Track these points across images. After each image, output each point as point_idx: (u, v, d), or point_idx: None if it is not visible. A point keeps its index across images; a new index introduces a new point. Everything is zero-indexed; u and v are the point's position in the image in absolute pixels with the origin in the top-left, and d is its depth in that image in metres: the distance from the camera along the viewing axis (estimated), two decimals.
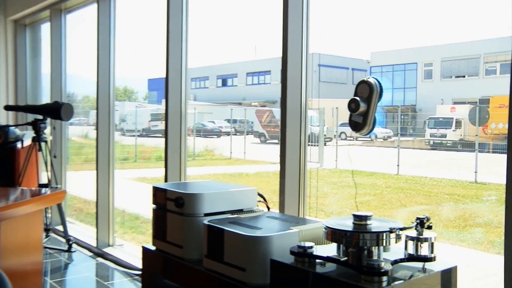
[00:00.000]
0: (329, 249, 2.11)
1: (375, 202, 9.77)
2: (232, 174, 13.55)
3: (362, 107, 2.15)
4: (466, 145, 21.85)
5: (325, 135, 17.28)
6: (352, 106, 2.18)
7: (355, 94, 2.19)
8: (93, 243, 5.30)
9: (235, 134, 29.12)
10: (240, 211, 2.73)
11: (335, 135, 18.79)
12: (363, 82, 2.18)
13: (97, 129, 5.18)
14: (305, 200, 3.19)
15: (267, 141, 26.63)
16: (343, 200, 9.94)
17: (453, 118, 24.54)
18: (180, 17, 4.14)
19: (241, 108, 34.05)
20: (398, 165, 14.48)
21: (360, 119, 2.17)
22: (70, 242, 5.20)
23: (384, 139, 31.12)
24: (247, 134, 21.94)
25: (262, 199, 2.91)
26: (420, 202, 9.68)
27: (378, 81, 2.18)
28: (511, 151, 1.94)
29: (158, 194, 2.79)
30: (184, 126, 4.11)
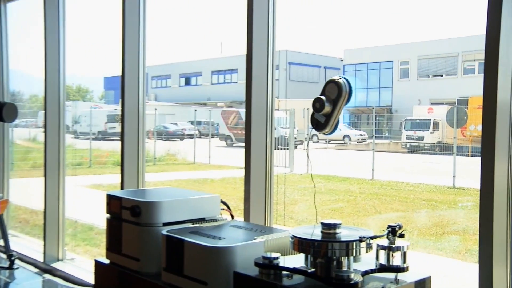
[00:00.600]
0: (297, 260, 2.12)
1: (348, 209, 9.86)
2: (196, 180, 13.49)
3: (327, 108, 2.18)
4: (444, 148, 22.31)
5: (295, 138, 17.38)
6: (317, 105, 2.20)
7: (322, 93, 2.22)
8: (39, 258, 5.16)
9: (200, 137, 28.95)
10: (202, 220, 2.72)
11: (306, 138, 18.92)
12: (332, 82, 2.20)
13: (45, 131, 5.07)
14: (272, 207, 3.21)
15: (234, 144, 26.62)
16: (314, 207, 9.97)
17: (430, 119, 25.06)
18: (138, 10, 4.11)
19: (205, 109, 33.94)
20: (373, 170, 14.66)
21: (322, 119, 2.20)
22: (13, 258, 5.01)
23: (358, 142, 31.47)
24: (212, 137, 21.87)
25: (225, 207, 2.90)
26: (396, 209, 9.82)
27: (348, 82, 2.22)
28: (486, 155, 1.99)
29: (113, 202, 2.76)
30: (142, 128, 4.08)
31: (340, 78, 2.25)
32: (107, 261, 2.80)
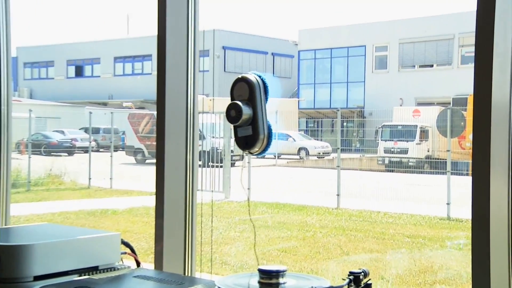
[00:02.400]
0: None
1: (304, 249, 9.95)
2: (91, 212, 13.32)
3: (246, 112, 2.23)
4: (435, 165, 22.90)
5: (232, 152, 17.40)
6: (232, 113, 2.25)
7: (232, 96, 2.29)
8: None
9: (98, 151, 28.63)
10: (94, 269, 2.70)
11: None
12: (239, 81, 2.28)
13: None
14: (195, 249, 3.21)
15: (147, 161, 26.40)
16: (258, 246, 10.03)
17: (416, 126, 25.70)
18: None
19: (106, 110, 33.61)
20: (338, 195, 14.80)
21: (249, 130, 2.24)
22: None
23: (319, 157, 31.89)
24: (116, 150, 21.62)
25: (129, 250, 2.89)
26: (369, 249, 9.98)
27: (260, 76, 2.30)
28: (477, 173, 2.06)
29: None
30: (6, 139, 3.99)
31: (247, 74, 2.32)
32: None
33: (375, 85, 35.66)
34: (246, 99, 2.25)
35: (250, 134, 2.25)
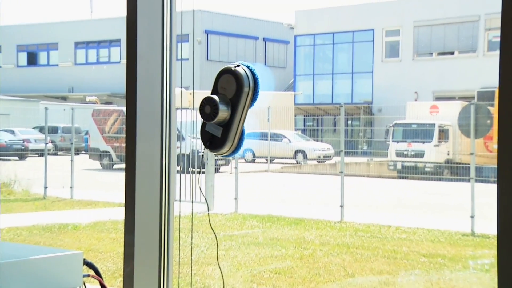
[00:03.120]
0: None
1: (301, 270, 9.96)
2: (47, 227, 13.29)
3: (223, 112, 2.28)
4: (456, 171, 23.01)
5: (216, 155, 17.22)
6: (207, 110, 2.30)
7: (214, 91, 2.34)
8: None
9: (55, 154, 28.57)
10: None
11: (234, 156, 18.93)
12: (226, 72, 2.32)
13: None
14: (171, 270, 3.22)
15: (115, 166, 26.31)
16: (246, 267, 10.04)
17: (434, 124, 25.85)
18: None
19: (66, 105, 33.59)
20: (341, 206, 14.76)
21: (218, 131, 2.31)
22: None
23: (319, 161, 32.02)
24: (77, 154, 21.51)
25: (92, 272, 2.89)
26: (379, 270, 10.00)
27: (251, 70, 2.33)
28: (503, 180, 2.07)
29: None
30: None
31: (238, 66, 2.35)
32: None
33: (385, 77, 35.61)
34: (229, 96, 2.27)
35: (218, 136, 2.32)
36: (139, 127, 3.17)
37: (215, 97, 2.27)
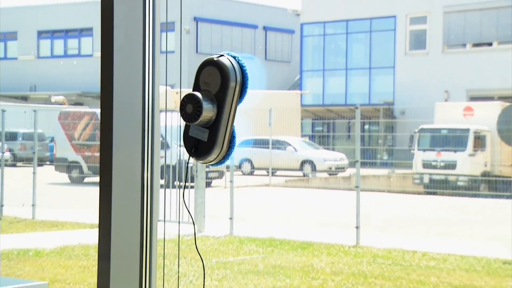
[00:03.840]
0: None
1: None
2: (3, 253, 13.28)
3: (208, 111, 2.28)
4: (495, 185, 23.03)
5: (208, 166, 17.22)
6: (188, 109, 2.32)
7: (196, 87, 2.37)
8: None
9: (14, 165, 28.57)
10: None
11: (228, 167, 18.96)
12: (208, 64, 2.35)
13: None
14: None
15: (87, 179, 26.30)
16: None
17: (468, 129, 25.91)
18: None
19: (26, 107, 33.64)
20: (357, 227, 14.73)
21: (204, 134, 2.32)
22: None
23: (331, 173, 32.12)
24: (41, 165, 21.43)
25: None
26: None
27: (238, 61, 2.34)
28: None
29: None
30: None
31: (221, 56, 2.37)
32: None
33: (409, 72, 35.48)
34: (214, 91, 2.27)
35: (204, 140, 2.33)
36: (116, 132, 3.16)
37: (198, 94, 2.28)
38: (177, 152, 16.13)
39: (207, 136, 2.29)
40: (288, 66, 44.04)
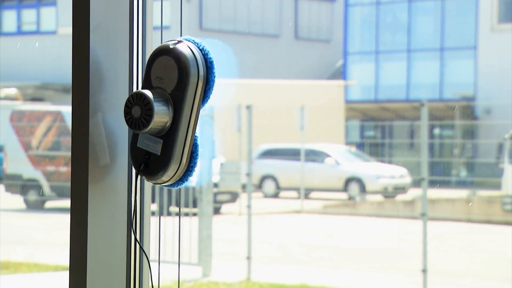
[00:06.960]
0: None
1: None
2: None
3: (162, 115, 2.35)
4: None
5: (216, 185, 17.23)
6: (135, 113, 2.40)
7: (146, 83, 2.46)
8: None
9: None
10: None
11: (245, 185, 18.99)
12: (163, 53, 2.42)
13: None
14: None
15: (48, 203, 26.41)
16: None
17: None
18: None
19: None
20: (424, 271, 14.69)
21: (156, 146, 2.40)
22: None
23: (386, 196, 32.39)
24: None
25: None
26: None
27: (200, 48, 2.40)
28: None
29: None
30: None
31: (179, 42, 2.43)
32: None
33: (497, 56, 35.02)
34: (169, 90, 2.34)
35: (157, 154, 2.39)
36: (93, 139, 3.17)
37: (147, 93, 2.34)
38: None
39: (160, 149, 2.32)
40: (327, 48, 44.06)
